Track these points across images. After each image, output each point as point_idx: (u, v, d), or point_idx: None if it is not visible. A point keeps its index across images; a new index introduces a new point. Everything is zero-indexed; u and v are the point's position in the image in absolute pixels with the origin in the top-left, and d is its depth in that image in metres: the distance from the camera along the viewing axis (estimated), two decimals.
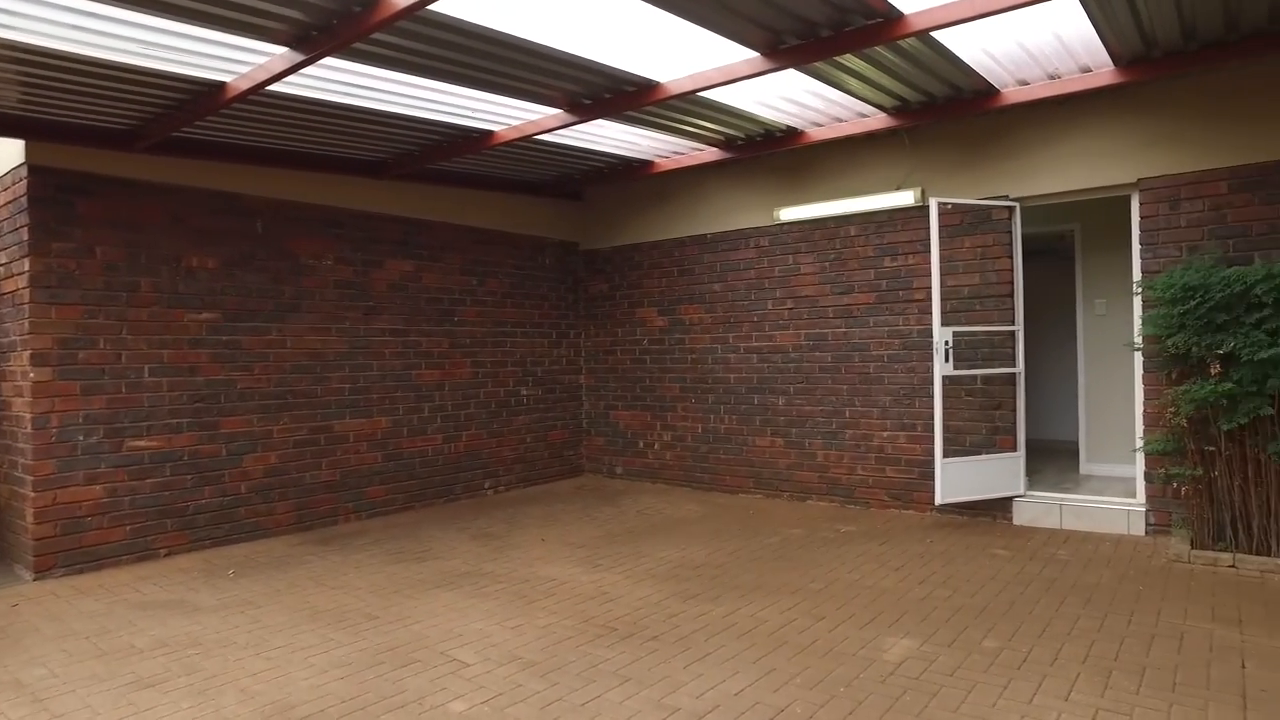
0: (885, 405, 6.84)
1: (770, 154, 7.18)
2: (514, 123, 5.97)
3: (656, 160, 7.51)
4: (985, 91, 5.61)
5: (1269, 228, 5.22)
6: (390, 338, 7.22)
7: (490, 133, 6.15)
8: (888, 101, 5.81)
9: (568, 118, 5.69)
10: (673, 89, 5.16)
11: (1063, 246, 8.10)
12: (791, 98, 5.72)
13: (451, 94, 5.25)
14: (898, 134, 6.63)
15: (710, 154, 7.13)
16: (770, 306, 7.54)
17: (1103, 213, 6.78)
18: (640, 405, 8.56)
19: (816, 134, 6.51)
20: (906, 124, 6.11)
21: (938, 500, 6.07)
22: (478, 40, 4.36)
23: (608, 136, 6.61)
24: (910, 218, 6.67)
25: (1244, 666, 3.51)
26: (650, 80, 5.15)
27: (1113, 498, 5.98)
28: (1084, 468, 7.24)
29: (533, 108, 5.62)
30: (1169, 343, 5.08)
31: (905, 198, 6.61)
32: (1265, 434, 4.86)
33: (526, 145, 6.59)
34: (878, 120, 6.16)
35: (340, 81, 4.87)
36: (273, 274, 6.38)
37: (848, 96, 5.67)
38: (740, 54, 4.70)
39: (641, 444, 8.55)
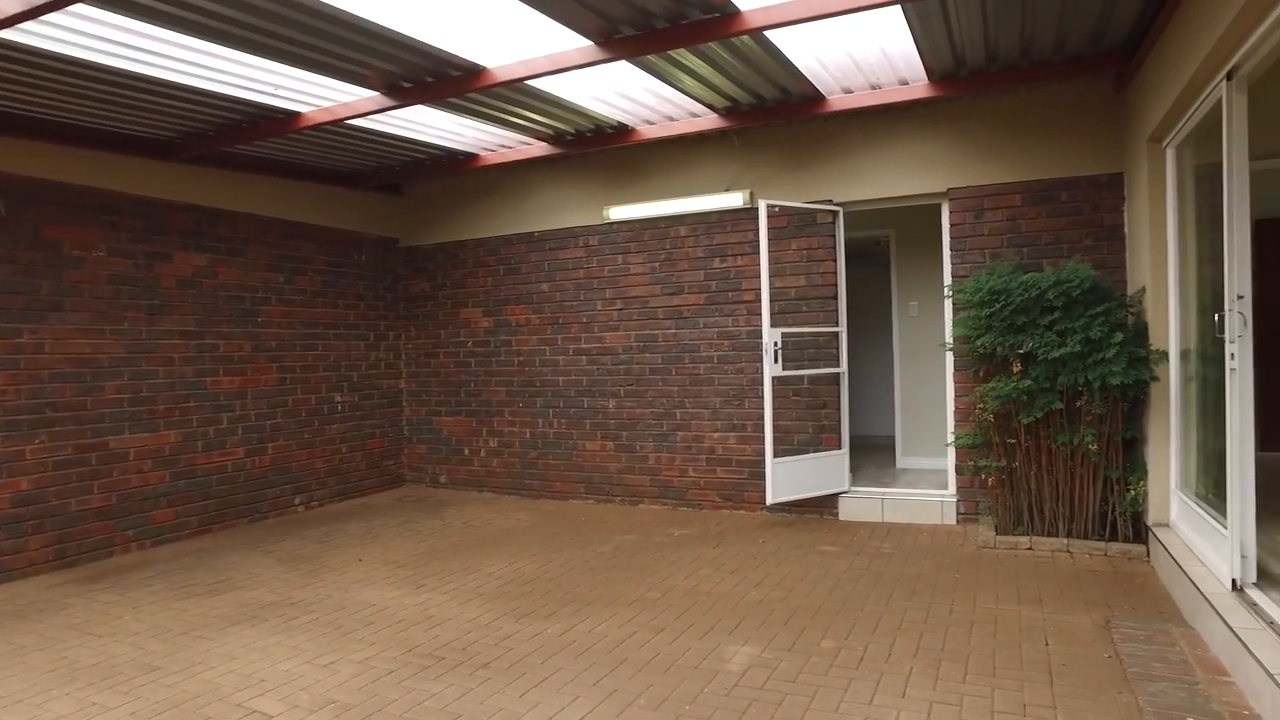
0: (716, 406, 6.88)
1: (601, 150, 7.04)
2: (324, 104, 5.43)
3: (482, 153, 7.15)
4: (812, 97, 5.74)
5: (1054, 238, 5.69)
6: (180, 340, 6.38)
7: (297, 114, 5.56)
8: (719, 102, 5.81)
9: (385, 101, 5.24)
10: (501, 75, 4.86)
11: (879, 251, 8.54)
12: (625, 93, 5.58)
13: (251, 66, 4.67)
14: (728, 136, 6.68)
15: (539, 148, 6.88)
16: (600, 307, 7.39)
17: (915, 219, 7.18)
18: (465, 410, 8.14)
19: (648, 132, 6.43)
20: (737, 125, 6.16)
21: (769, 500, 6.14)
22: (281, 4, 3.85)
23: (430, 125, 6.18)
24: (739, 219, 6.74)
25: (1047, 644, 3.73)
26: (477, 65, 4.82)
27: (928, 490, 6.32)
28: (900, 461, 7.65)
29: (346, 88, 5.12)
30: (978, 343, 5.39)
31: (735, 199, 6.67)
32: (1056, 426, 5.27)
33: (339, 130, 6.05)
34: (709, 120, 6.16)
35: (109, 40, 4.17)
36: (23, 266, 5.42)
37: (681, 95, 5.61)
38: (573, 42, 4.48)
39: (467, 451, 8.13)
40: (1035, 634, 3.86)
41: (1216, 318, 3.74)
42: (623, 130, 6.48)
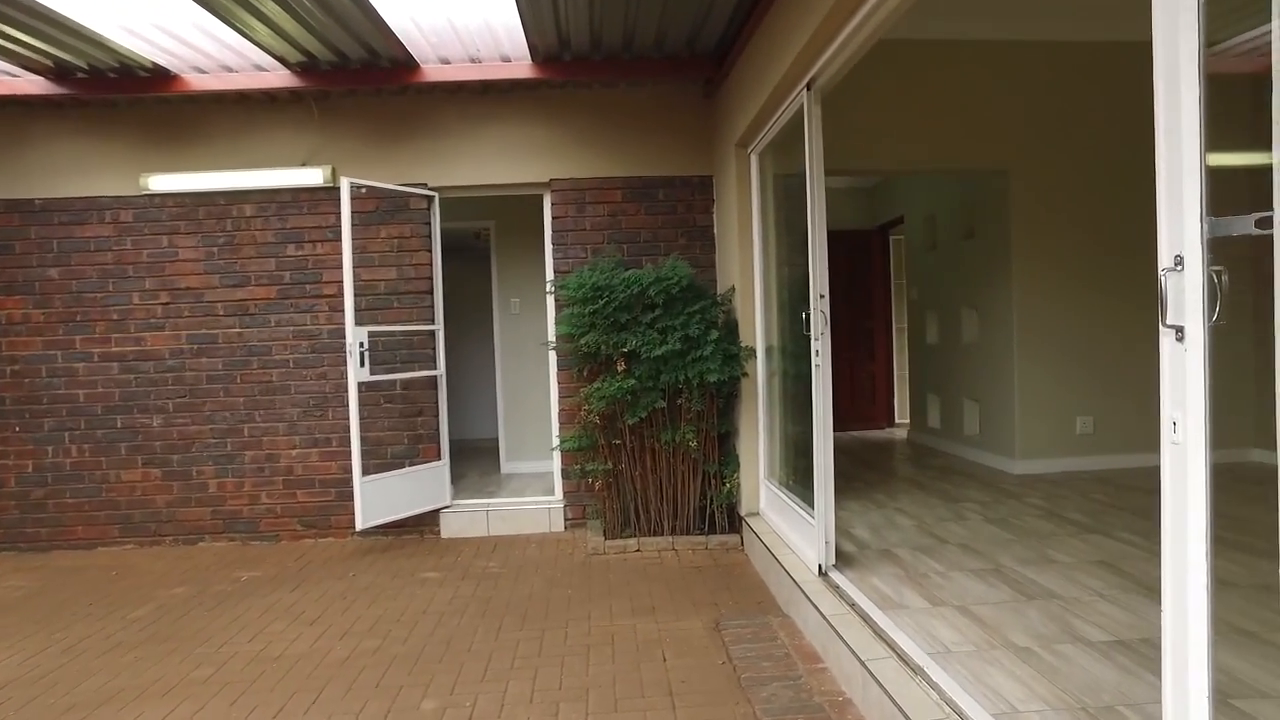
0: (293, 419, 5.80)
1: (136, 100, 5.53)
2: None
3: None
4: (405, 63, 5.04)
5: (652, 236, 5.74)
6: None
7: None
8: (293, 55, 4.83)
9: None
10: None
11: (479, 244, 8.10)
12: (166, 27, 4.34)
13: None
14: (305, 100, 5.65)
15: (32, 83, 5.16)
16: (137, 300, 5.81)
17: (517, 211, 6.85)
18: None
19: (199, 82, 5.16)
20: (315, 86, 5.22)
21: (360, 525, 5.28)
22: None
23: None
24: (319, 200, 5.75)
25: (665, 660, 3.53)
26: None
27: (534, 497, 5.99)
28: (505, 467, 7.25)
29: None
30: (582, 341, 5.17)
31: (313, 176, 5.66)
32: (659, 425, 5.27)
33: None
34: (280, 77, 5.12)
35: None
36: None
37: (242, 40, 4.53)
38: None
39: None
40: (653, 649, 3.64)
41: (804, 315, 3.88)
42: (162, 75, 5.11)
